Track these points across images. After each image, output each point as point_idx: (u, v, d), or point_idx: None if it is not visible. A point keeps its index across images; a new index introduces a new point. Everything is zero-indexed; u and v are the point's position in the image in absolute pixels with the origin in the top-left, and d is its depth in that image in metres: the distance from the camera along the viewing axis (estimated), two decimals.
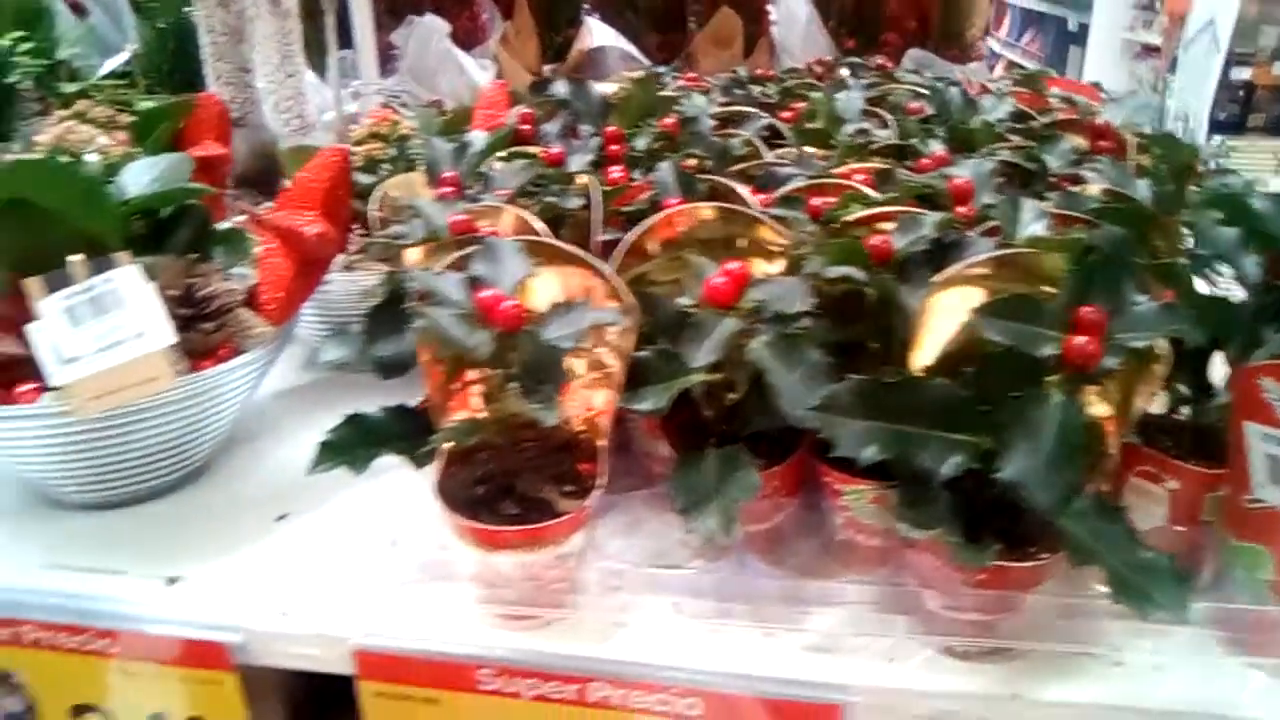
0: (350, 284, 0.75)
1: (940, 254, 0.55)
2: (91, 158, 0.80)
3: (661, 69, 1.23)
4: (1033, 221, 0.57)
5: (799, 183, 0.68)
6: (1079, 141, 0.79)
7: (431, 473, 0.54)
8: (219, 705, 0.59)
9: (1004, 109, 0.87)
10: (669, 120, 0.78)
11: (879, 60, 1.24)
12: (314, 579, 0.60)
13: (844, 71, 1.17)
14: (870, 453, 0.49)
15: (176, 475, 0.68)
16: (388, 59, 1.32)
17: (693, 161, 0.70)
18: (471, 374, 0.55)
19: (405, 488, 0.57)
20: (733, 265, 0.52)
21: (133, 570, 0.61)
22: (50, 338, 0.57)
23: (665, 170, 0.66)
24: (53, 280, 0.58)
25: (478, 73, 1.21)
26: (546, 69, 1.28)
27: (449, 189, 0.69)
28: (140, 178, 0.69)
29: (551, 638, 0.55)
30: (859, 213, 0.59)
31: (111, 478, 0.65)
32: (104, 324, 0.58)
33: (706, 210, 0.58)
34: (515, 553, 0.53)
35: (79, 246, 0.64)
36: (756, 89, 1.00)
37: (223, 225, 0.75)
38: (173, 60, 1.23)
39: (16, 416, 0.59)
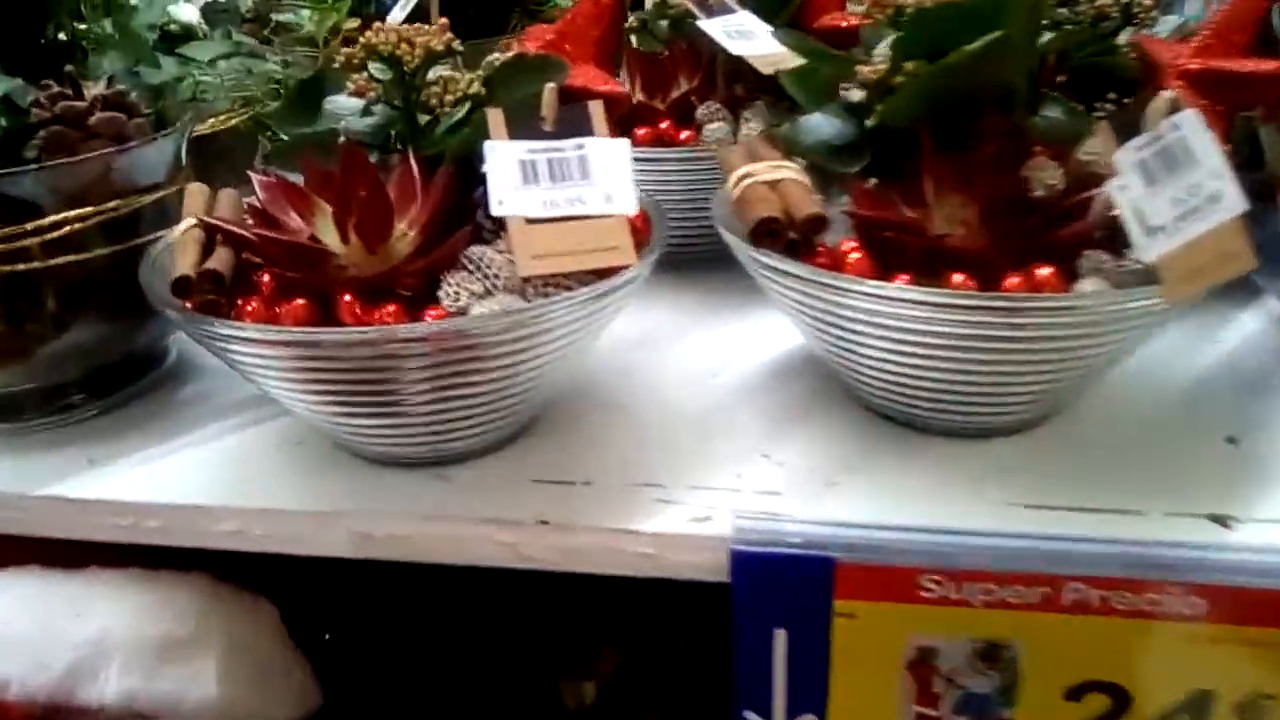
0: None
1: None
2: None
3: None
4: None
5: None
6: None
7: None
8: None
9: None
10: None
11: None
12: None
13: None
14: None
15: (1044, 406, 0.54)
16: None
17: None
18: None
19: None
20: None
21: (1152, 510, 0.47)
22: (1131, 198, 0.43)
23: None
24: (1125, 129, 0.44)
25: None
26: None
27: None
28: None
29: None
30: None
31: (1023, 398, 0.51)
32: (1178, 185, 0.44)
33: None
34: None
35: (989, 98, 0.50)
36: None
37: None
38: None
39: (1048, 308, 0.45)
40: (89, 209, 0.52)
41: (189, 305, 0.45)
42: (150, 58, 0.57)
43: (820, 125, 0.54)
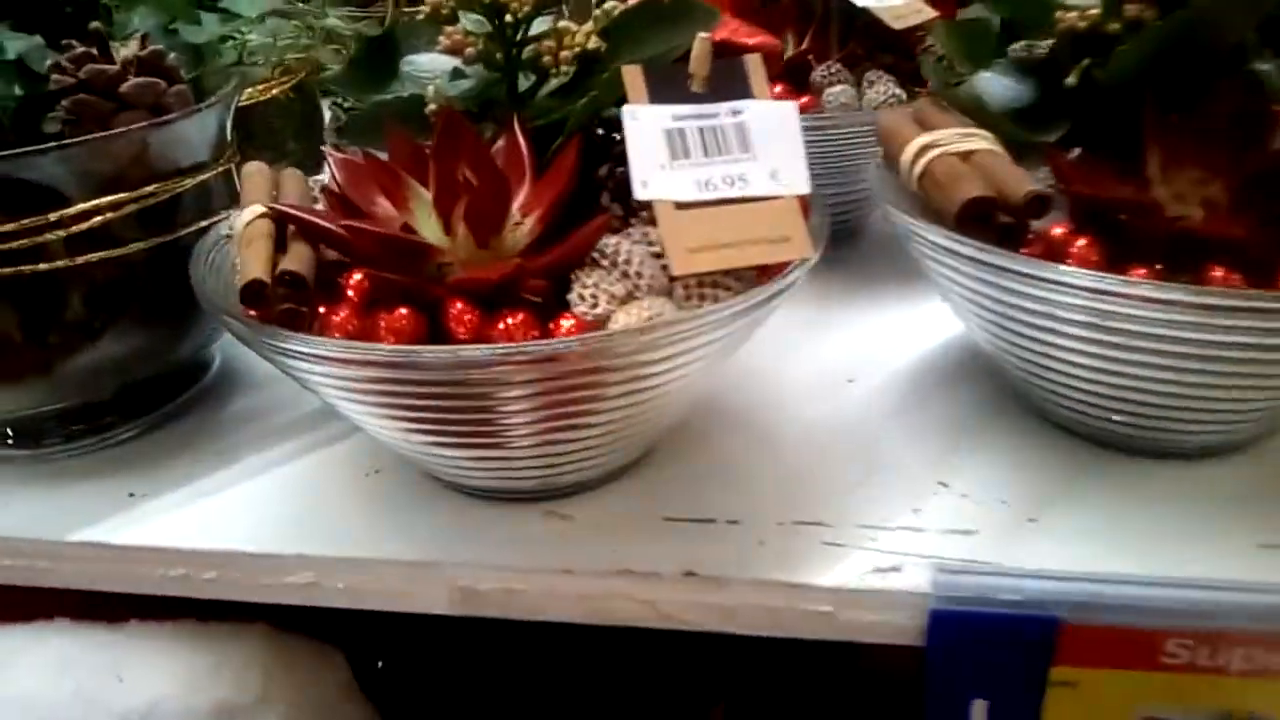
0: None
1: None
2: None
3: None
4: None
5: None
6: None
7: None
8: None
9: None
10: None
11: None
12: None
13: None
14: None
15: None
16: None
17: None
18: None
19: None
20: None
21: None
22: None
23: None
24: None
25: None
26: None
27: None
28: None
29: None
30: None
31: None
32: None
33: None
34: None
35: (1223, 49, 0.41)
36: None
37: None
38: None
39: None
40: (124, 195, 0.43)
41: (259, 315, 0.36)
42: (189, 13, 0.48)
43: (1004, 86, 0.45)
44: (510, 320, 0.35)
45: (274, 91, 0.62)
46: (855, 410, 0.50)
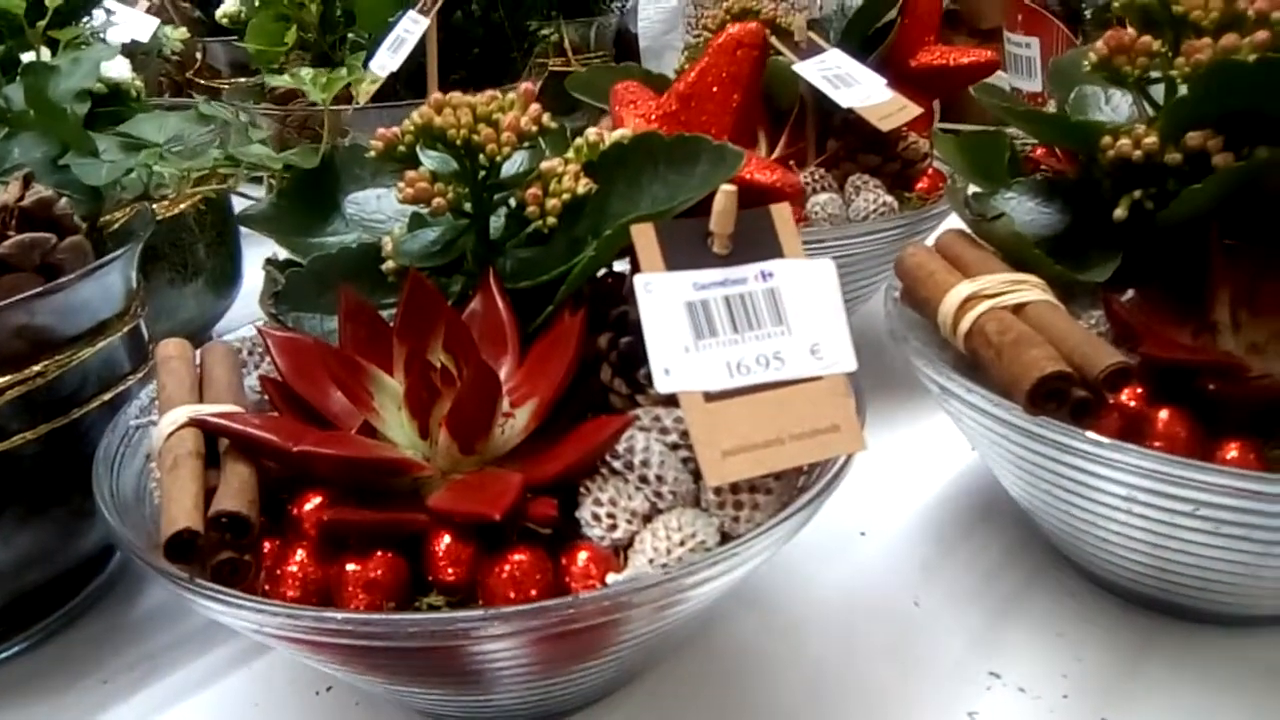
0: None
1: None
2: None
3: None
4: None
5: None
6: None
7: None
8: None
9: None
10: None
11: None
12: None
13: None
14: None
15: None
16: None
17: None
18: None
19: None
20: None
21: None
22: None
23: None
24: None
25: None
26: None
27: None
28: None
29: None
30: None
31: None
32: None
33: None
34: None
35: None
36: None
37: None
38: None
39: None
40: (5, 379, 0.35)
41: (191, 564, 0.28)
42: (83, 141, 0.39)
43: (1027, 209, 0.40)
44: (515, 562, 0.28)
45: (181, 207, 0.54)
46: (873, 572, 0.45)
